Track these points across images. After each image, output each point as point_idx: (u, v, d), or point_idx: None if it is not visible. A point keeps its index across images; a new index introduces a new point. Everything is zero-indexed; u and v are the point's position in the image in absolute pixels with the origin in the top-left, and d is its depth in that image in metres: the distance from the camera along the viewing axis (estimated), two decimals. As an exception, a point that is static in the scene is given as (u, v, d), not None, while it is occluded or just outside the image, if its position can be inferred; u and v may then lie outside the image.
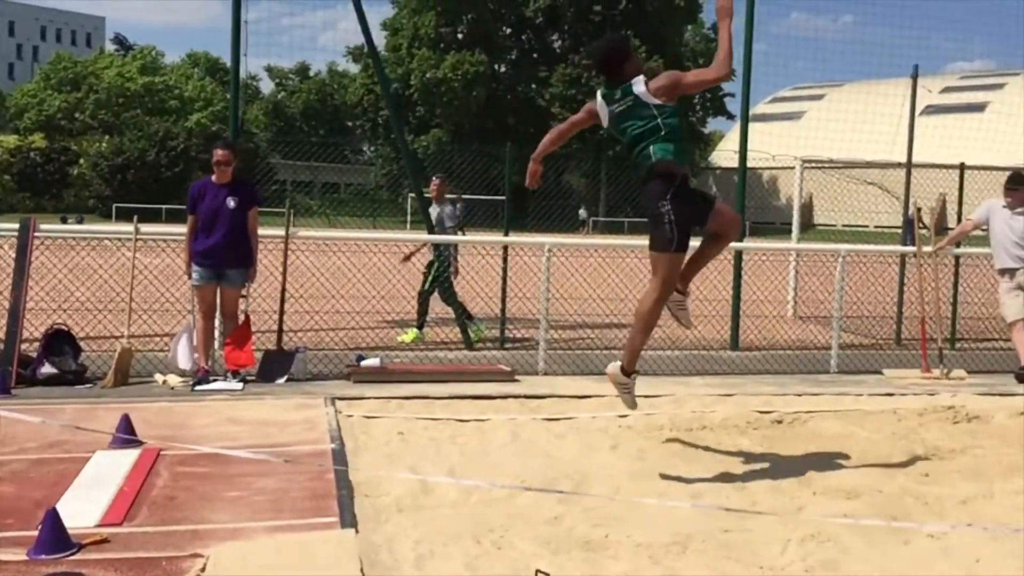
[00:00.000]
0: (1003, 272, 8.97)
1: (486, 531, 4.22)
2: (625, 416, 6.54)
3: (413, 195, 10.59)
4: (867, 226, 34.92)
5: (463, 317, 9.67)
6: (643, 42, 55.21)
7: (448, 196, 10.59)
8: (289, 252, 8.03)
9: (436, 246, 9.67)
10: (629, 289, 11.96)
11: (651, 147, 4.88)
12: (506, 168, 10.14)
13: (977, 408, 7.01)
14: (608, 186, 49.66)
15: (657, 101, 4.90)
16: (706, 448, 5.82)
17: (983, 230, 9.25)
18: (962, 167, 11.45)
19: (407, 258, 10.37)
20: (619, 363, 5.16)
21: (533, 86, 61.65)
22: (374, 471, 5.03)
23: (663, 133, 4.89)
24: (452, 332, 9.86)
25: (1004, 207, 8.97)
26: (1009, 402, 7.37)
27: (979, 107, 54.80)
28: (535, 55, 63.77)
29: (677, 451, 5.74)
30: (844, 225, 40.52)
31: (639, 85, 4.94)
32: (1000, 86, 58.25)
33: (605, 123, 5.10)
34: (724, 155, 58.25)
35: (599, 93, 5.10)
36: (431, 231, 9.92)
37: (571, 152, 53.75)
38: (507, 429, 6.14)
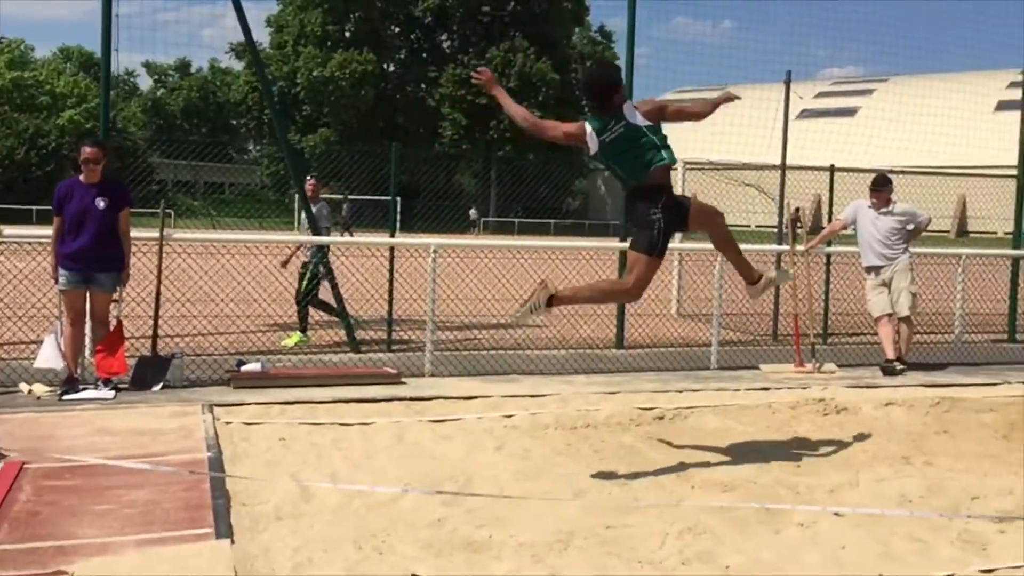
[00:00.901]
0: (869, 270, 9.42)
1: (368, 536, 4.16)
2: (511, 416, 6.58)
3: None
4: (748, 226, 36.14)
5: (344, 317, 9.51)
6: (531, 43, 55.77)
7: (335, 197, 10.46)
8: (171, 255, 7.76)
9: (316, 247, 9.52)
10: (518, 289, 12.04)
11: (656, 154, 5.19)
12: (392, 168, 10.03)
13: (845, 400, 7.31)
14: (498, 186, 49.90)
15: (648, 123, 5.20)
16: (590, 446, 5.88)
17: (851, 230, 9.69)
18: (832, 169, 11.95)
19: (285, 263, 10.15)
20: (551, 292, 5.14)
21: (423, 86, 61.48)
22: (252, 479, 4.90)
23: (659, 144, 5.23)
24: (338, 334, 9.71)
25: (870, 207, 9.42)
26: (875, 394, 7.74)
27: (851, 112, 57.35)
28: (424, 55, 63.60)
29: (562, 449, 5.79)
30: (728, 225, 41.75)
31: (631, 112, 5.22)
32: (870, 92, 61.05)
33: (593, 150, 5.37)
34: (611, 156, 59.16)
35: (588, 125, 5.35)
36: (316, 232, 9.76)
37: (461, 153, 53.86)
38: (392, 432, 6.08)
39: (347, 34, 60.49)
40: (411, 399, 7.02)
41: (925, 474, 5.40)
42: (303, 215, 9.86)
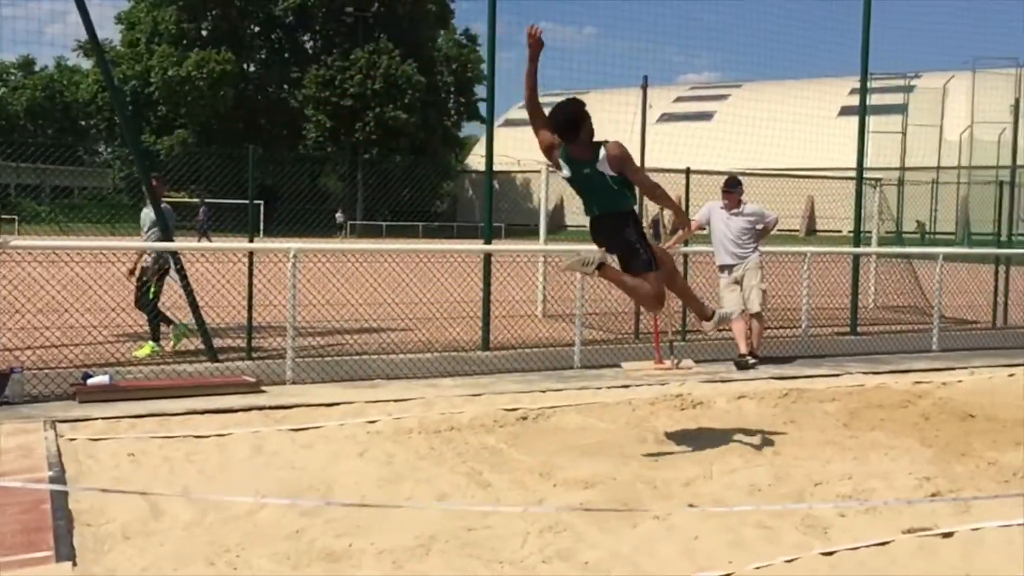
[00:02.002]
0: (722, 268, 9.79)
1: (221, 551, 4.03)
2: (374, 422, 6.50)
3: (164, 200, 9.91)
4: (612, 227, 36.95)
5: (201, 325, 9.19)
6: (396, 45, 55.40)
7: (192, 200, 10.09)
8: (9, 263, 7.30)
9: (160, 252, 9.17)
10: (386, 293, 11.96)
11: (616, 199, 5.60)
12: (250, 170, 9.75)
13: (701, 395, 7.58)
14: (365, 189, 49.33)
15: (612, 173, 5.49)
16: (454, 448, 5.88)
17: (706, 230, 10.04)
18: (688, 171, 12.35)
19: (132, 271, 9.67)
20: (606, 261, 5.66)
21: (285, 87, 60.16)
22: (98, 497, 4.66)
23: (617, 191, 5.58)
24: (193, 343, 9.37)
25: (722, 208, 9.79)
26: (728, 387, 8.05)
27: (707, 116, 59.46)
28: (286, 55, 62.25)
29: (425, 453, 5.76)
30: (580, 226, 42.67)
31: (602, 161, 5.49)
32: (725, 96, 63.51)
33: (564, 174, 5.70)
34: (478, 159, 59.55)
35: (560, 154, 5.65)
36: (169, 238, 9.40)
37: (326, 155, 52.99)
38: (250, 443, 5.91)
39: (204, 33, 58.53)
40: (271, 408, 6.84)
41: (773, 463, 5.65)
42: (148, 219, 9.45)
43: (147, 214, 9.60)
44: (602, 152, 5.49)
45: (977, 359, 10.25)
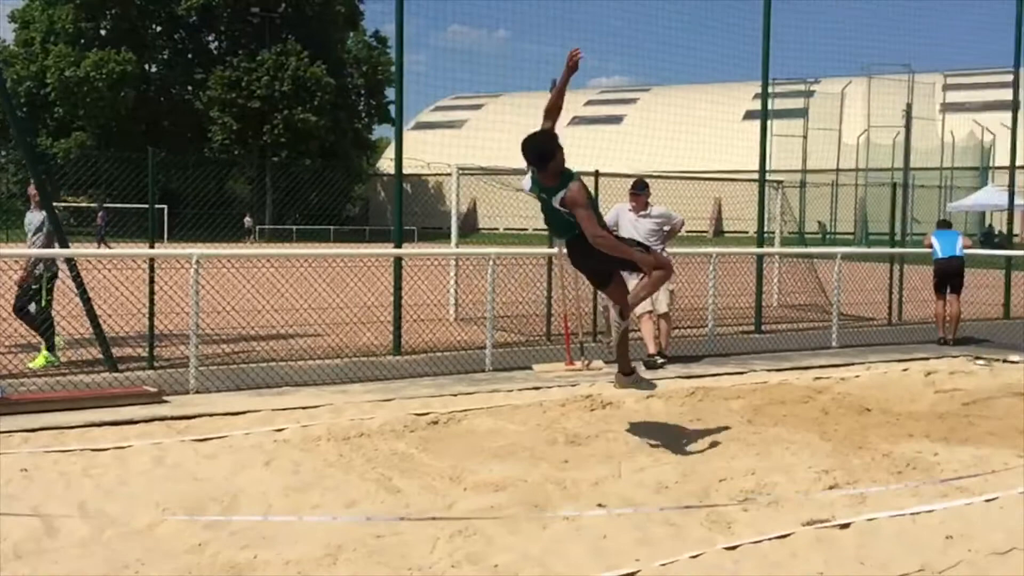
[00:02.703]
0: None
1: (120, 568, 3.90)
2: (281, 430, 6.39)
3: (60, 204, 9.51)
4: (526, 229, 37.14)
5: (99, 334, 8.87)
6: (305, 47, 54.62)
7: (90, 205, 9.74)
8: None
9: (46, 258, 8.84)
10: (296, 298, 11.76)
11: (573, 227, 5.72)
12: (150, 174, 9.46)
13: (611, 395, 7.65)
14: (274, 193, 48.46)
15: (566, 210, 5.64)
16: (363, 455, 5.81)
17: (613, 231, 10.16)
18: (596, 174, 12.48)
19: (21, 282, 9.25)
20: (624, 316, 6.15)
21: (189, 88, 58.70)
22: (-14, 517, 4.46)
23: (574, 222, 5.67)
24: (90, 352, 9.05)
25: (630, 211, 9.93)
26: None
27: (617, 119, 60.34)
28: (190, 56, 60.74)
29: (334, 461, 5.68)
30: (506, 229, 42.82)
31: (557, 197, 5.63)
32: (634, 100, 64.55)
33: (530, 191, 5.89)
34: (390, 162, 59.13)
35: (530, 175, 5.80)
36: (64, 243, 9.06)
37: (233, 158, 51.89)
38: (150, 455, 5.73)
39: (103, 32, 56.69)
40: (173, 418, 6.65)
41: (679, 460, 5.75)
42: (33, 223, 9.09)
43: (32, 218, 9.21)
44: (562, 192, 5.59)
45: (873, 354, 10.63)
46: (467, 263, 13.50)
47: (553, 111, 5.88)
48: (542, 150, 5.64)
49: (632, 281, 8.01)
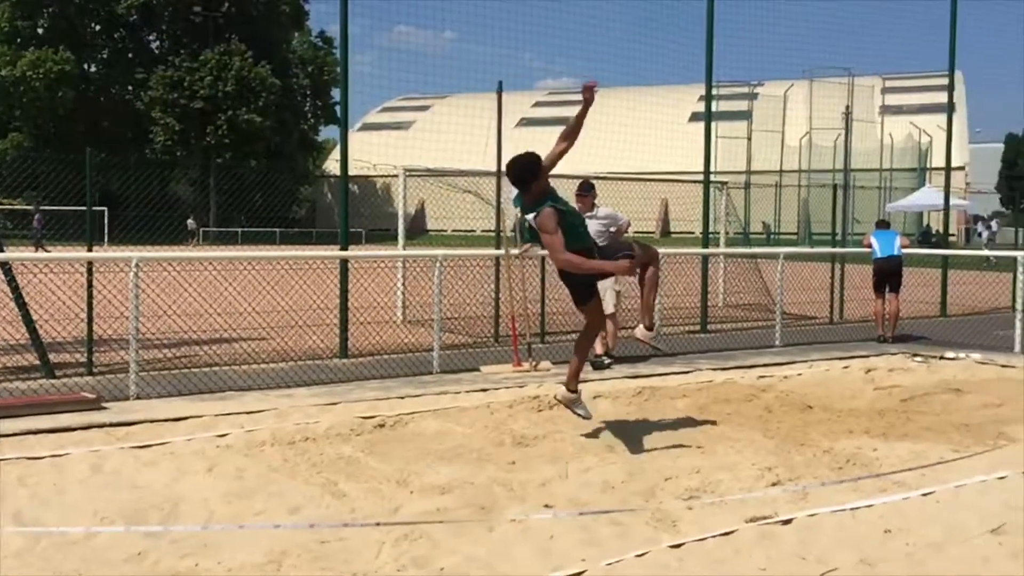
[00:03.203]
0: (578, 270, 9.96)
1: (55, 580, 3.80)
2: (224, 436, 6.29)
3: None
4: (474, 231, 37.11)
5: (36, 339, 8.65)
6: (249, 47, 53.93)
7: (26, 207, 9.48)
8: None
9: None
10: (242, 301, 11.57)
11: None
12: (87, 176, 9.25)
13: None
14: (218, 195, 47.73)
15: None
16: (308, 460, 5.74)
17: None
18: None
19: None
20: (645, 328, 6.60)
21: (129, 88, 57.59)
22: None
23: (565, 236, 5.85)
24: (26, 358, 8.82)
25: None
26: (584, 388, 8.04)
27: (565, 120, 60.31)
28: (131, 55, 59.58)
29: (278, 466, 5.61)
30: (455, 230, 42.74)
31: (530, 218, 5.91)
32: (581, 101, 64.81)
33: (515, 207, 6.19)
34: (337, 163, 58.60)
35: (515, 196, 6.12)
36: (-2, 247, 8.82)
37: (175, 160, 51.04)
38: (88, 463, 5.60)
39: (40, 31, 55.35)
40: (112, 425, 6.51)
41: (626, 460, 5.79)
42: None
43: None
44: (534, 214, 5.86)
45: (816, 353, 10.81)
46: (415, 265, 13.43)
47: (570, 136, 6.31)
48: (523, 173, 5.93)
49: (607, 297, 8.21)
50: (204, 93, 52.77)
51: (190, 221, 44.84)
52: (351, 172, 10.65)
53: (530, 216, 5.90)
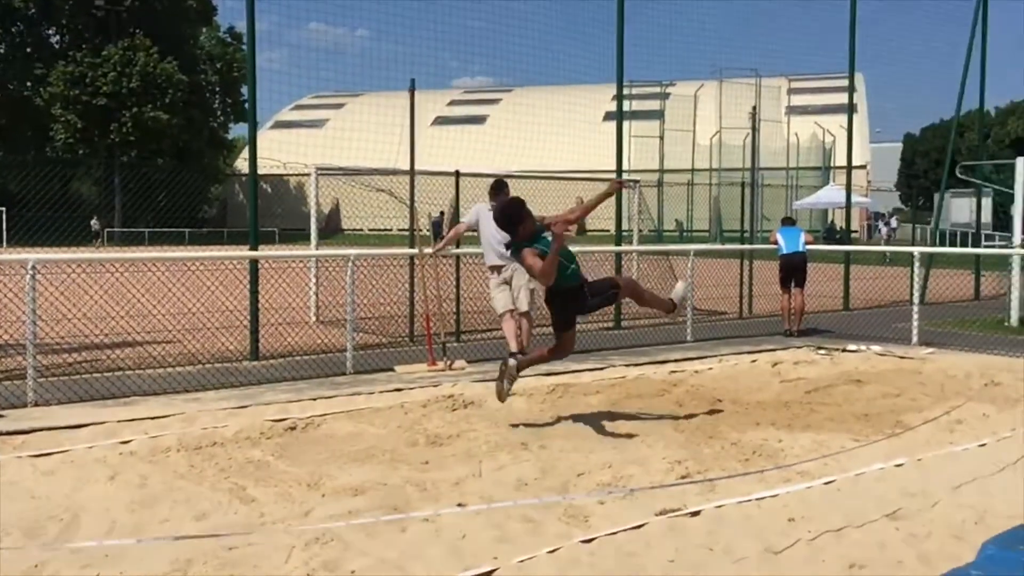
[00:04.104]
0: (492, 269, 9.96)
1: (-56, 598, 3.63)
2: (128, 442, 6.10)
3: None
4: (390, 230, 36.82)
5: None
6: (154, 42, 52.45)
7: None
8: None
9: None
10: (151, 303, 11.25)
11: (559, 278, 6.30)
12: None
13: (473, 394, 7.69)
14: (124, 194, 46.29)
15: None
16: (216, 465, 5.62)
17: (474, 231, 10.20)
18: (457, 174, 12.51)
19: None
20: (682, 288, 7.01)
21: (28, 84, 55.43)
22: None
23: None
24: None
25: (490, 210, 9.97)
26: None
27: (480, 119, 60.62)
28: (29, 50, 57.32)
29: (184, 472, 5.47)
30: (371, 230, 42.33)
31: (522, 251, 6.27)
32: (497, 100, 65.02)
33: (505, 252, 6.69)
34: (247, 161, 57.42)
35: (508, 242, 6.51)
36: None
37: (79, 158, 49.35)
38: (-18, 474, 5.37)
39: (-70, 23, 52.92)
40: (8, 433, 6.25)
41: (539, 457, 5.82)
42: None
43: None
44: (520, 251, 6.26)
45: (725, 347, 11.06)
46: (329, 265, 13.27)
47: (577, 214, 6.82)
48: (507, 219, 6.38)
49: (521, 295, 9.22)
50: (107, 89, 51.11)
51: (94, 222, 43.36)
52: (262, 171, 10.44)
53: (511, 253, 6.41)
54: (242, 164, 61.49)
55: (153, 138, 51.80)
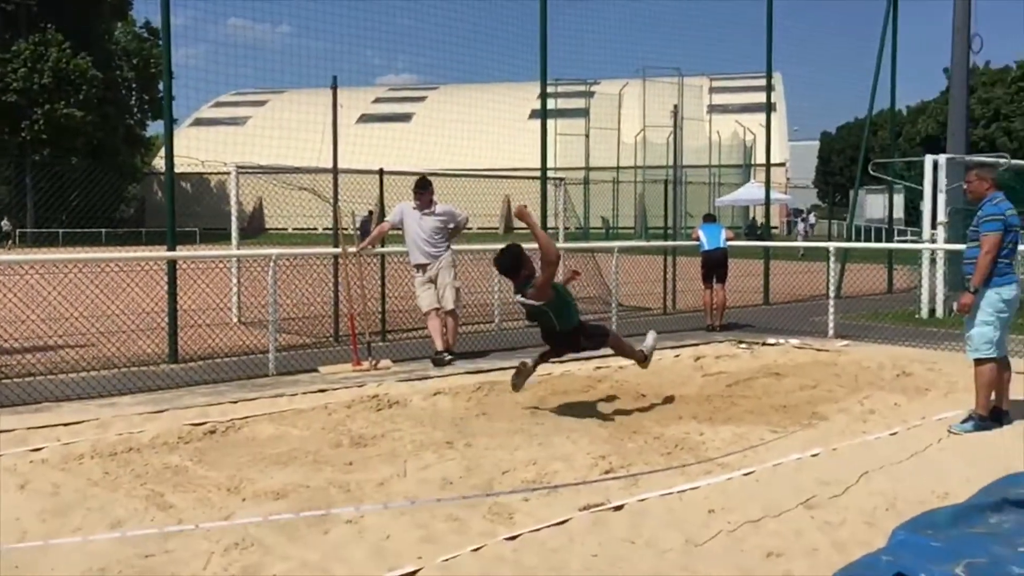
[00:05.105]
0: (417, 267, 9.94)
1: None
2: (39, 450, 5.90)
3: None
4: (315, 229, 36.32)
5: None
6: (67, 37, 50.81)
7: None
8: None
9: None
10: (65, 306, 10.87)
11: (554, 323, 6.94)
12: None
13: (398, 394, 7.64)
14: (36, 194, 44.75)
15: (535, 303, 6.77)
16: (132, 471, 5.47)
17: (399, 229, 10.15)
18: (381, 172, 12.40)
19: None
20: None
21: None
22: None
23: (553, 314, 6.92)
24: None
25: (415, 209, 9.93)
26: (425, 385, 8.18)
27: (406, 117, 60.28)
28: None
29: (98, 479, 5.31)
30: (295, 229, 41.70)
31: (528, 289, 6.77)
32: (423, 98, 64.74)
33: (519, 297, 6.94)
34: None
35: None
36: None
37: (-12, 156, 47.59)
38: None
39: None
40: (-91, 444, 5.99)
41: (465, 455, 5.81)
42: None
43: None
44: (526, 289, 6.79)
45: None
46: (252, 265, 13.03)
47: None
48: (509, 266, 6.95)
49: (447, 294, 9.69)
50: (17, 86, 49.32)
51: (5, 222, 41.86)
52: (181, 169, 10.20)
53: (519, 297, 6.84)
54: (160, 162, 59.83)
55: (66, 136, 50.17)
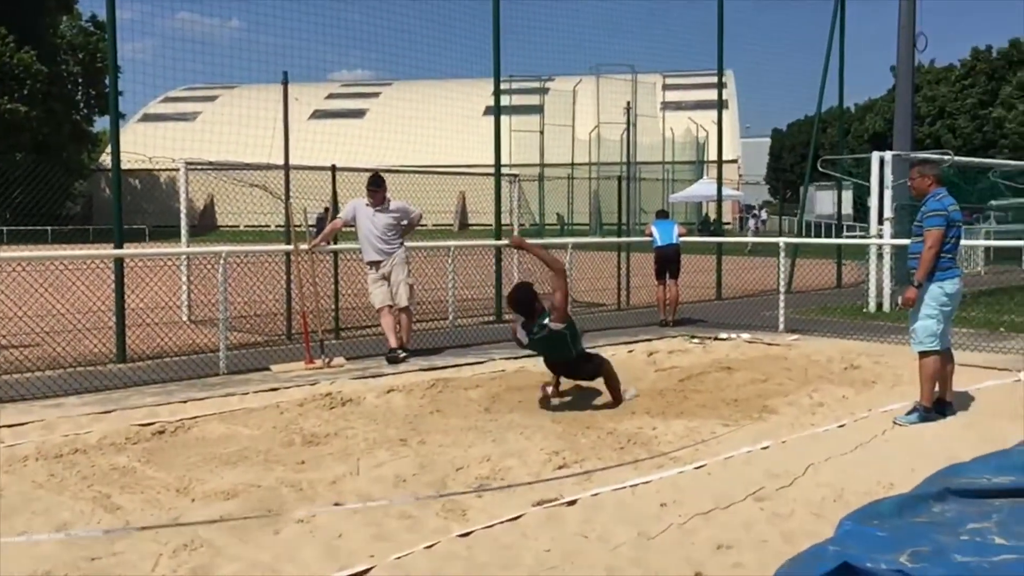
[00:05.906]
0: (371, 264, 9.88)
1: None
2: (-19, 452, 5.76)
3: None
4: (268, 226, 35.87)
5: None
6: (10, 31, 49.65)
7: None
8: None
9: None
10: (9, 305, 10.59)
11: (571, 349, 7.29)
12: None
13: (351, 391, 7.58)
14: (-22, 191, 43.66)
15: (561, 326, 7.07)
16: (78, 473, 5.37)
17: (351, 227, 10.09)
18: (333, 169, 12.31)
19: None
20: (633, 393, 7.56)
21: None
22: None
23: (570, 340, 7.26)
24: None
25: (368, 205, 9.87)
26: (378, 382, 8.14)
27: (360, 113, 59.84)
28: None
29: (43, 482, 5.20)
30: (247, 226, 41.16)
31: (547, 320, 7.09)
32: (377, 94, 64.30)
33: (524, 341, 7.30)
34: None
35: (520, 323, 7.30)
36: None
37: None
38: None
39: None
40: None
41: (418, 452, 5.79)
42: None
43: None
44: (546, 319, 7.08)
45: (603, 338, 11.24)
46: (203, 262, 12.84)
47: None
48: (524, 306, 7.21)
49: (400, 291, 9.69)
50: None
51: (-54, 220, 40.75)
52: (129, 165, 10.02)
53: (537, 332, 7.09)
54: (107, 159, 58.73)
55: (10, 132, 49.01)
